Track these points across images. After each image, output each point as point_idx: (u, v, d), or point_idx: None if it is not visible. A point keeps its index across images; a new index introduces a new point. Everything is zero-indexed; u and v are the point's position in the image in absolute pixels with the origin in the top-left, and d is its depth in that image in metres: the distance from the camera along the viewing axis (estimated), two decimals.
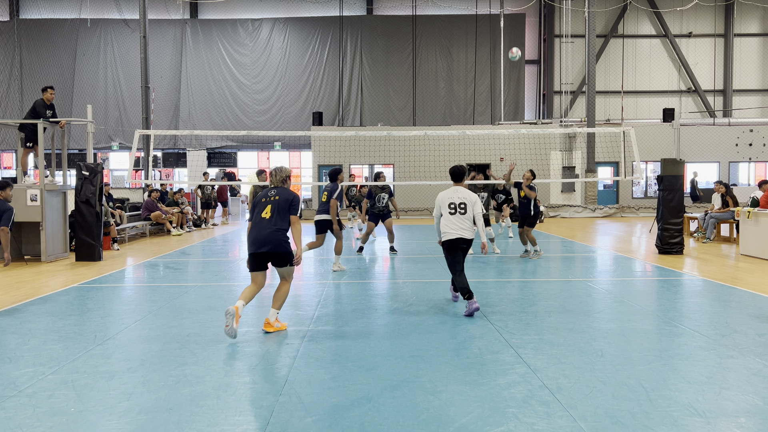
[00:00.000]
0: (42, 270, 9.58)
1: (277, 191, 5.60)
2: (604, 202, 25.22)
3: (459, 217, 6.31)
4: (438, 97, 29.36)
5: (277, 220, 5.44)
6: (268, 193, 5.62)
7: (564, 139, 25.09)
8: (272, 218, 5.44)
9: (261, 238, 5.40)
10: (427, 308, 6.44)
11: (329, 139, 24.03)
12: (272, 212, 5.46)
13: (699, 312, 6.23)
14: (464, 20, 29.25)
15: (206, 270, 9.52)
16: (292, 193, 5.63)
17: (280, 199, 5.52)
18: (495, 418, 3.44)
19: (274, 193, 5.57)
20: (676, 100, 29.49)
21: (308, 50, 29.40)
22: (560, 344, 4.97)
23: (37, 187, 10.54)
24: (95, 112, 25.78)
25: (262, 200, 5.59)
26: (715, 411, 3.55)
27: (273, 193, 5.59)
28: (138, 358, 4.64)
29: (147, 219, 15.64)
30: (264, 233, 5.40)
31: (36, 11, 29.56)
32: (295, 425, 3.36)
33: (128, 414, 3.54)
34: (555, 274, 8.99)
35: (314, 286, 7.98)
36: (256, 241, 5.42)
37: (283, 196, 5.54)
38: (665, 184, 11.21)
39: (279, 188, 5.65)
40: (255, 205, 5.67)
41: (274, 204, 5.49)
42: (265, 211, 5.48)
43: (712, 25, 29.51)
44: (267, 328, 5.51)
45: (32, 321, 5.94)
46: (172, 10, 29.21)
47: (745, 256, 10.84)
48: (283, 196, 5.54)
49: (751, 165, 26.26)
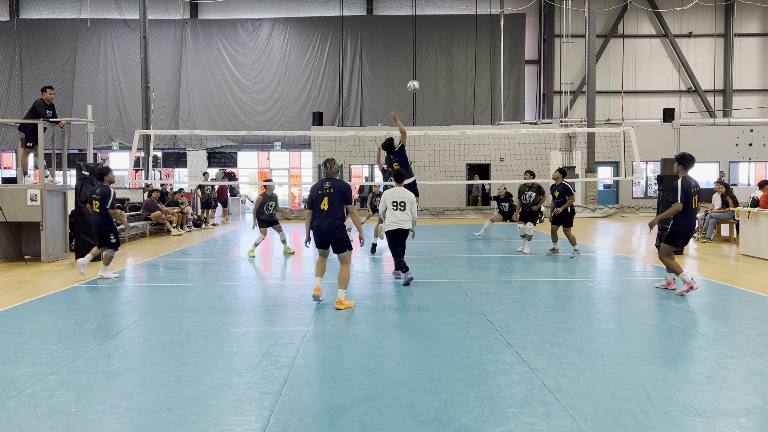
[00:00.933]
0: (42, 270, 9.58)
1: (330, 183, 6.36)
2: (604, 202, 25.22)
3: (400, 212, 7.70)
4: (438, 97, 29.37)
5: (333, 211, 6.27)
6: (323, 185, 6.37)
7: (564, 139, 25.09)
8: (330, 210, 6.26)
9: (322, 228, 6.31)
10: (427, 308, 6.44)
11: (329, 139, 24.04)
12: (329, 204, 6.26)
13: (699, 312, 6.22)
14: (464, 20, 29.25)
15: (206, 270, 9.52)
16: (345, 184, 6.40)
17: (334, 191, 6.30)
18: (495, 418, 3.44)
19: (329, 186, 6.33)
20: (676, 100, 29.50)
21: (308, 50, 29.40)
22: (560, 344, 4.97)
23: (37, 187, 10.54)
24: (95, 112, 25.81)
25: (318, 192, 6.36)
26: (715, 411, 3.54)
27: (327, 185, 6.34)
28: (138, 358, 4.64)
29: (147, 219, 15.64)
30: (324, 224, 6.29)
31: (36, 11, 29.56)
32: (295, 425, 3.36)
33: (128, 414, 3.54)
34: (555, 274, 8.98)
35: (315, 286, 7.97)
36: (318, 230, 6.34)
37: (337, 188, 6.32)
38: (665, 184, 11.21)
39: (332, 180, 6.41)
40: (312, 196, 6.42)
41: (330, 196, 6.27)
42: (323, 203, 6.28)
43: (712, 25, 29.51)
44: (338, 305, 6.35)
45: (32, 321, 5.94)
46: (172, 10, 29.21)
47: (745, 256, 10.84)
48: (337, 188, 6.32)
49: (751, 165, 26.26)
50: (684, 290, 6.96)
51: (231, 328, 5.58)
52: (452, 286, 7.80)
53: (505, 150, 23.65)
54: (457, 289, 7.58)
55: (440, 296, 7.10)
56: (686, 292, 6.95)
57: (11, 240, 10.81)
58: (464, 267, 9.63)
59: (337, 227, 6.28)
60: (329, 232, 6.29)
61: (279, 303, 6.84)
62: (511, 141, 23.49)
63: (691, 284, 6.90)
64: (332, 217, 6.25)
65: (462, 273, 8.96)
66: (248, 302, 6.92)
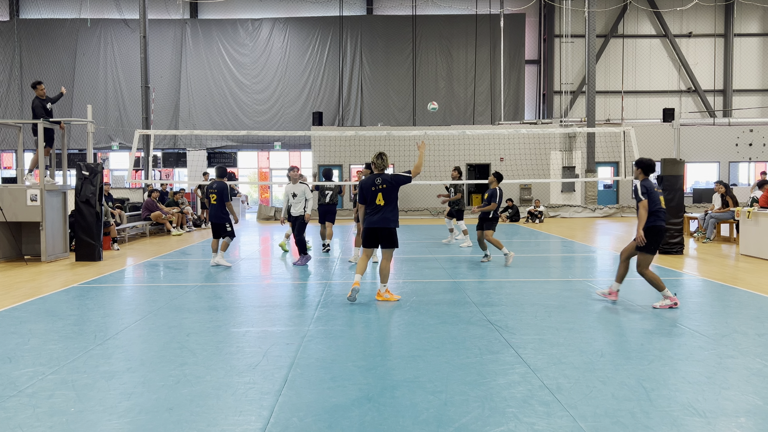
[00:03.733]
0: (42, 270, 9.58)
1: (382, 179, 6.71)
2: (604, 202, 25.22)
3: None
4: (438, 97, 29.33)
5: (387, 205, 6.68)
6: (375, 181, 6.74)
7: (564, 139, 25.09)
8: (385, 205, 6.71)
9: (375, 221, 6.72)
10: (427, 308, 6.44)
11: (329, 139, 24.04)
12: (384, 199, 6.70)
13: (699, 312, 6.22)
14: (464, 20, 29.24)
15: (206, 270, 9.52)
16: (397, 179, 6.72)
17: (387, 187, 6.67)
18: (495, 418, 3.44)
19: (380, 182, 6.72)
20: (676, 100, 29.49)
21: (308, 50, 29.39)
22: (560, 344, 4.97)
23: (37, 187, 10.54)
24: (95, 112, 25.79)
25: (371, 188, 6.75)
26: (715, 411, 3.54)
27: (379, 181, 6.73)
28: (138, 358, 4.64)
29: (147, 219, 15.64)
30: (376, 218, 6.71)
31: (36, 11, 29.55)
32: (295, 425, 3.36)
33: (128, 414, 3.54)
34: (555, 274, 8.98)
35: (315, 286, 7.98)
36: (372, 223, 6.74)
37: (389, 183, 6.69)
38: (665, 184, 11.21)
39: (383, 175, 6.76)
40: (364, 191, 6.81)
41: (383, 192, 6.69)
42: (378, 199, 6.72)
43: (712, 25, 29.50)
44: (378, 297, 6.79)
45: (32, 321, 5.94)
46: (172, 10, 29.20)
47: (745, 256, 10.84)
48: (389, 183, 6.69)
49: (751, 165, 26.26)
50: (663, 305, 6.35)
51: (231, 328, 5.58)
52: (452, 286, 7.81)
53: (505, 150, 23.64)
54: (457, 288, 7.58)
55: (440, 296, 7.10)
56: (666, 307, 6.33)
57: (11, 240, 10.80)
58: (464, 267, 9.63)
59: (389, 219, 6.70)
60: (380, 224, 6.66)
61: (279, 303, 6.84)
62: (511, 141, 23.49)
63: (674, 300, 6.35)
64: (386, 212, 6.69)
65: (462, 273, 8.96)
66: (248, 302, 6.93)
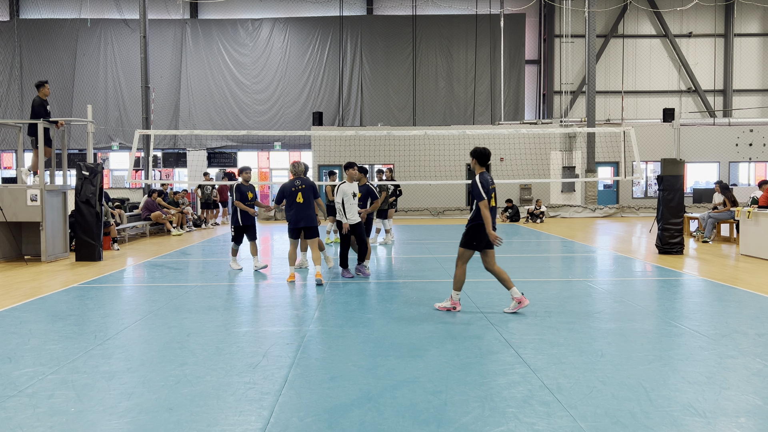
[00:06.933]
0: (42, 270, 9.58)
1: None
2: (604, 202, 25.22)
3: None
4: (438, 97, 29.35)
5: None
6: (295, 182, 7.77)
7: (564, 139, 25.09)
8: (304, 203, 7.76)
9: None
10: (427, 308, 6.44)
11: (329, 139, 24.04)
12: (303, 198, 7.74)
13: (699, 312, 6.22)
14: (464, 20, 29.24)
15: (206, 270, 9.51)
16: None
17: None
18: (495, 418, 3.44)
19: (299, 183, 7.81)
20: (676, 100, 29.48)
21: (308, 50, 29.39)
22: (560, 344, 4.97)
23: (37, 187, 10.54)
24: (95, 112, 25.79)
25: (291, 189, 7.74)
26: (715, 411, 3.55)
27: (298, 183, 7.77)
28: (138, 358, 4.64)
29: (147, 219, 15.64)
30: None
31: (36, 11, 29.54)
32: (295, 425, 3.36)
33: (128, 414, 3.54)
34: (555, 274, 8.99)
35: (315, 286, 7.98)
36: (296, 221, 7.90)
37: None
38: (665, 184, 11.21)
39: (303, 179, 7.90)
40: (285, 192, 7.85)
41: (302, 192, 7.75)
42: (298, 197, 7.66)
43: (712, 25, 29.49)
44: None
45: (32, 321, 5.94)
46: (172, 10, 29.20)
47: (745, 256, 10.84)
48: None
49: (751, 165, 26.26)
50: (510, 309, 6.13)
51: (231, 328, 5.59)
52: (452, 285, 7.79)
53: (505, 150, 23.63)
54: None
55: (440, 296, 7.10)
56: (514, 310, 6.11)
57: (11, 240, 10.81)
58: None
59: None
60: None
61: (279, 303, 6.84)
62: (511, 141, 23.48)
63: (522, 300, 6.07)
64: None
65: None
66: (248, 302, 6.93)
